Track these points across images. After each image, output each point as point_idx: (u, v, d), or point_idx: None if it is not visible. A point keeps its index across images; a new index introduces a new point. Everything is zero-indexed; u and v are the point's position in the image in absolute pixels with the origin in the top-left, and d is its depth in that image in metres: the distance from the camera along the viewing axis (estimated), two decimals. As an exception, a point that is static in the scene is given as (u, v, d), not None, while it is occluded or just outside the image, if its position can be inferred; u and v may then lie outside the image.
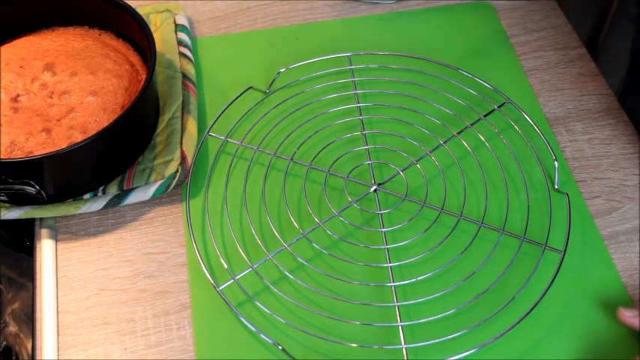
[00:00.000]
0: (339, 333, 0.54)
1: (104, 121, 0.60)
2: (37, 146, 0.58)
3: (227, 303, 0.55)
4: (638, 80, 0.70)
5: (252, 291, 0.56)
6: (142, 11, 0.74)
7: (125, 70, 0.63)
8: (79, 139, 0.58)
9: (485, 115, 0.66)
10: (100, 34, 0.67)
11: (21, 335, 0.55)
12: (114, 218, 0.61)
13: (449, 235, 0.58)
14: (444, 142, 0.64)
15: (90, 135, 0.56)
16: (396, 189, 0.62)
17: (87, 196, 0.60)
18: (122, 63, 0.64)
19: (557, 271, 0.56)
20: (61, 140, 0.58)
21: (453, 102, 0.67)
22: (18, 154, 0.57)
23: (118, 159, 0.61)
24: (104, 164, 0.60)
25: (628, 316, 0.53)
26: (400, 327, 0.54)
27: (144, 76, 0.64)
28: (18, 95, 0.61)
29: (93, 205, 0.60)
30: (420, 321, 0.54)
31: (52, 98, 0.61)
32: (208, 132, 0.65)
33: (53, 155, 0.54)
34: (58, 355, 0.54)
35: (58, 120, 0.59)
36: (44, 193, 0.57)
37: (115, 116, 0.60)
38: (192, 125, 0.65)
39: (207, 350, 0.54)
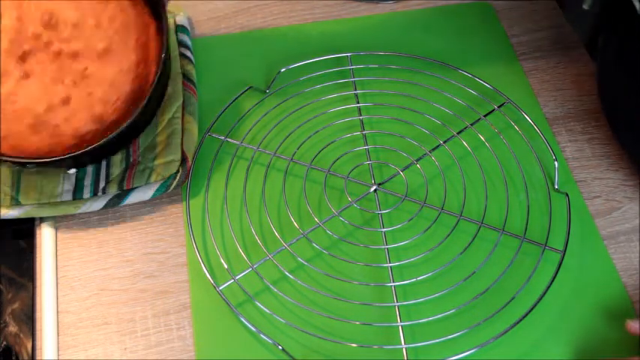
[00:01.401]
0: (339, 333, 0.54)
1: (121, 83, 0.57)
2: (61, 120, 0.55)
3: (227, 303, 0.55)
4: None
5: (252, 291, 0.56)
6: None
7: (132, 15, 0.59)
8: (101, 111, 0.56)
9: (485, 115, 0.66)
10: None
11: (21, 335, 0.55)
12: (114, 218, 0.61)
13: (449, 235, 0.58)
14: (444, 142, 0.64)
15: (110, 103, 0.55)
16: (396, 189, 0.62)
17: (87, 195, 0.60)
18: (126, 7, 0.59)
19: (557, 271, 0.56)
20: (82, 110, 0.56)
21: (453, 102, 0.67)
22: (44, 129, 0.55)
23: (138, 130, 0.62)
24: (129, 138, 0.61)
25: (637, 327, 0.52)
26: (400, 327, 0.54)
27: (151, 23, 0.61)
28: (24, 53, 0.56)
29: (93, 204, 0.60)
30: (420, 321, 0.54)
31: (60, 59, 0.57)
32: (208, 132, 0.65)
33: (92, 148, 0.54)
34: (58, 355, 0.54)
35: (74, 84, 0.56)
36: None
37: (131, 74, 0.58)
38: (192, 125, 0.65)
39: (207, 350, 0.54)
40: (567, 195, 0.60)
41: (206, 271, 0.56)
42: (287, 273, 0.56)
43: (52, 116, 0.56)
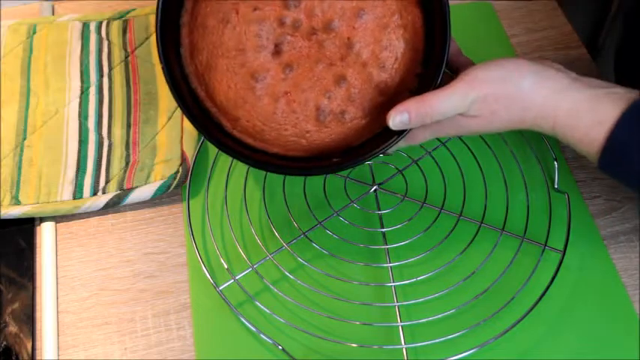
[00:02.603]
0: (339, 333, 0.54)
1: (394, 41, 0.50)
2: (344, 103, 0.49)
3: (227, 303, 0.55)
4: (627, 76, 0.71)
5: (252, 291, 0.56)
6: (142, 12, 0.74)
7: None
8: (382, 78, 0.49)
9: (485, 115, 0.65)
10: None
11: (21, 335, 0.55)
12: (114, 218, 0.61)
13: (449, 235, 0.58)
14: (444, 142, 0.64)
15: (389, 67, 0.49)
16: (396, 189, 0.62)
17: (87, 195, 0.61)
18: None
19: (557, 271, 0.56)
20: (364, 87, 0.49)
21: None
22: (331, 120, 0.49)
23: None
24: None
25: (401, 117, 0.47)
26: (400, 327, 0.54)
27: None
28: (276, 46, 0.49)
29: (93, 204, 0.60)
30: (420, 321, 0.54)
31: (317, 34, 0.49)
32: (208, 132, 0.65)
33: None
34: (58, 355, 0.54)
35: (342, 60, 0.49)
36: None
37: (400, 30, 0.50)
38: (192, 125, 0.65)
39: (207, 350, 0.54)
40: (567, 195, 0.60)
41: (206, 271, 0.56)
42: (287, 273, 0.56)
43: (333, 101, 0.49)
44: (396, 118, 0.47)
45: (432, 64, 0.49)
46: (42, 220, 0.61)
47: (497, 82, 0.47)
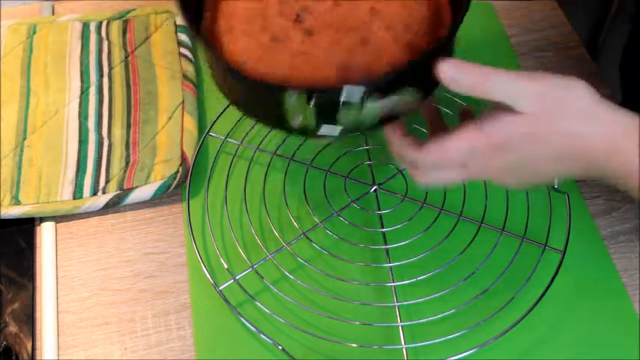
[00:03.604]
0: (339, 333, 0.54)
1: (418, 9, 0.50)
2: (365, 58, 0.48)
3: (227, 303, 0.55)
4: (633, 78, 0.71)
5: (252, 291, 0.56)
6: (142, 12, 0.74)
7: None
8: (407, 38, 0.48)
9: (485, 115, 0.65)
10: None
11: (21, 335, 0.55)
12: (114, 218, 0.61)
13: (449, 235, 0.58)
14: (444, 142, 0.64)
15: (413, 32, 0.48)
16: (396, 189, 0.62)
17: (87, 195, 0.61)
18: None
19: (557, 271, 0.56)
20: (386, 42, 0.48)
21: (452, 101, 0.67)
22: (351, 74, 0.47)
23: None
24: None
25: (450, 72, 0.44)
26: (400, 327, 0.54)
27: None
28: (298, 15, 0.49)
29: (93, 204, 0.60)
30: (420, 321, 0.54)
31: (340, 6, 0.49)
32: (208, 132, 0.65)
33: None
34: (58, 355, 0.54)
35: (364, 24, 0.49)
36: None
37: (425, 2, 0.50)
38: (192, 125, 0.65)
39: (207, 350, 0.54)
40: (567, 195, 0.60)
41: (206, 271, 0.56)
42: (287, 273, 0.56)
43: (356, 57, 0.47)
44: (445, 66, 0.43)
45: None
46: (42, 220, 0.61)
47: (559, 85, 0.42)
